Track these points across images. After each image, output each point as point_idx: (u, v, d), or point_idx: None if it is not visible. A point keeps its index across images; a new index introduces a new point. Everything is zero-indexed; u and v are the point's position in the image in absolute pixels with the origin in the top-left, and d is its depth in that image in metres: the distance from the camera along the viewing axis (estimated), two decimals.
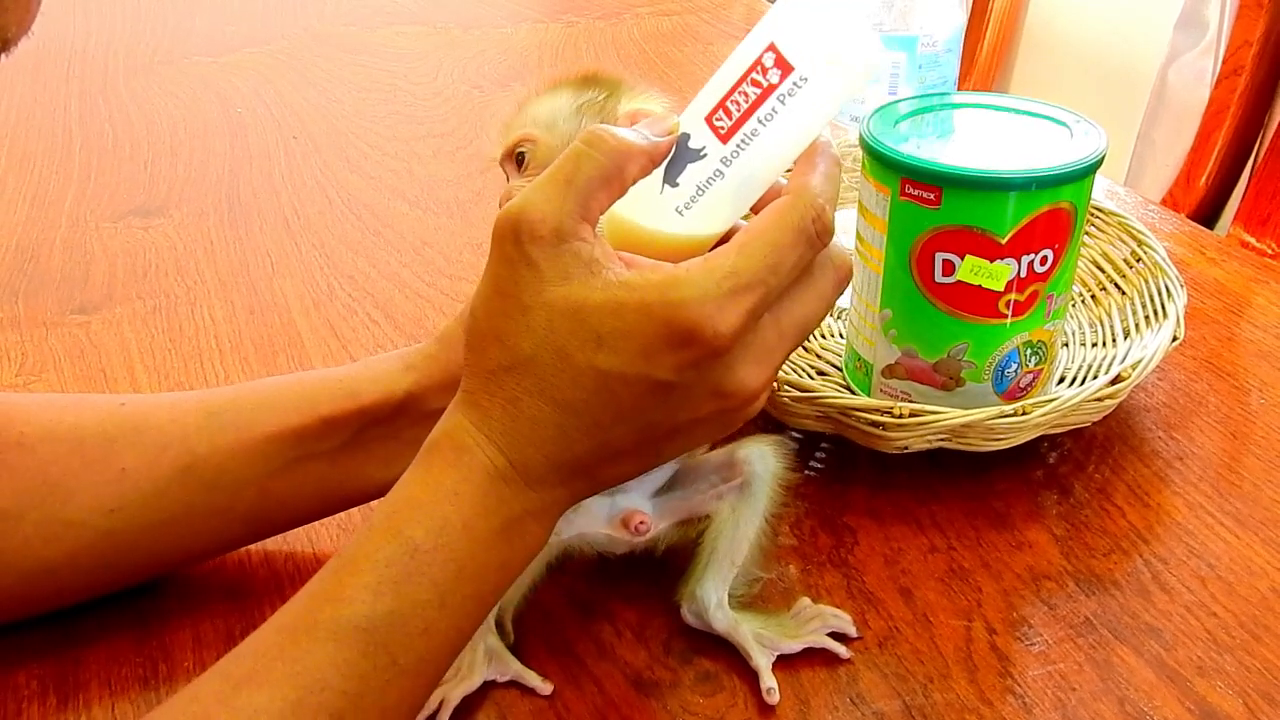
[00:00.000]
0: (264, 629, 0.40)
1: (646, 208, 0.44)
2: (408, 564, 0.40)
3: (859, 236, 0.63)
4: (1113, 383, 0.60)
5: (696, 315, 0.39)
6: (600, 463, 0.42)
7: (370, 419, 0.52)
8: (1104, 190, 0.94)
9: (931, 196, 0.57)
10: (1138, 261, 0.72)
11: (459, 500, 0.41)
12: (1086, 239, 0.76)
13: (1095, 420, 0.63)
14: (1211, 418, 0.67)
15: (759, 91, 0.43)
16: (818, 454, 0.64)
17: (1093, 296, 0.74)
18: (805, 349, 0.72)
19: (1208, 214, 1.51)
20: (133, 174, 1.00)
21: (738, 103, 0.43)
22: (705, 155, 0.43)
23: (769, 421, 0.64)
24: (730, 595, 0.52)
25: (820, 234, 0.42)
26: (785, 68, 0.42)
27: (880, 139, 0.59)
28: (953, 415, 0.58)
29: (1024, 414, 0.58)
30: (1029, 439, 0.60)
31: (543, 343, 0.40)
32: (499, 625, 0.52)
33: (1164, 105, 1.64)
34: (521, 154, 0.53)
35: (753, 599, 0.53)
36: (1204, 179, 1.53)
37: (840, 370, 0.69)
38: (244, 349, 0.75)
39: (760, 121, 0.43)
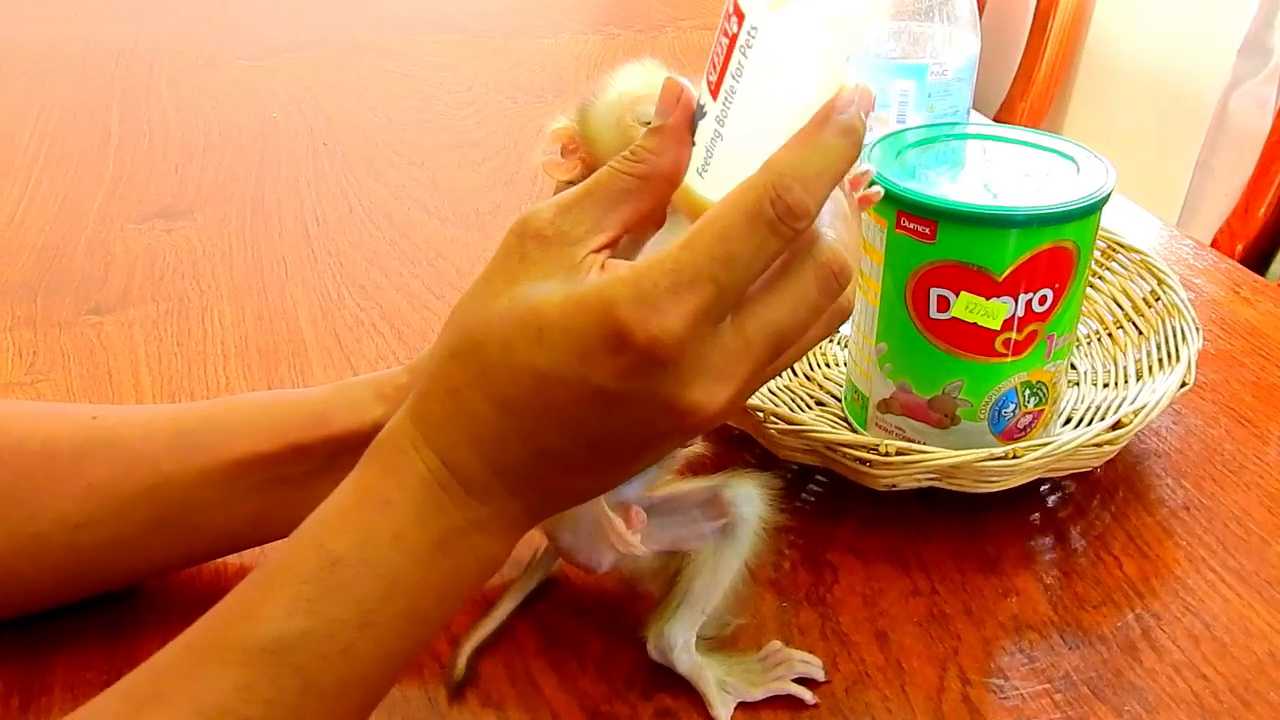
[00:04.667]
0: (173, 645, 0.39)
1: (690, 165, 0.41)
2: (326, 579, 0.38)
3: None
4: (1113, 428, 0.58)
5: (629, 316, 0.36)
6: (549, 474, 0.40)
7: (341, 447, 0.51)
8: (1130, 222, 0.91)
9: (927, 230, 0.56)
10: (1156, 300, 0.70)
11: (390, 509, 0.39)
12: (1108, 274, 0.73)
13: (1096, 465, 0.61)
14: (1226, 466, 0.64)
15: (727, 42, 0.38)
16: (810, 487, 0.63)
17: (1109, 334, 0.71)
18: (808, 377, 0.70)
19: (1265, 245, 1.47)
20: (163, 176, 1.01)
21: (717, 54, 0.39)
22: (705, 113, 0.40)
23: (761, 453, 0.62)
24: (699, 637, 0.51)
25: (784, 216, 0.36)
26: (740, 15, 0.38)
27: (878, 169, 0.58)
28: (940, 455, 0.56)
29: (1015, 457, 0.56)
30: (1024, 482, 0.59)
31: (495, 332, 0.38)
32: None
33: (1224, 133, 1.60)
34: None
35: (723, 640, 0.52)
36: (1263, 210, 1.48)
37: (840, 401, 0.68)
38: (248, 355, 0.75)
39: (734, 77, 0.38)
